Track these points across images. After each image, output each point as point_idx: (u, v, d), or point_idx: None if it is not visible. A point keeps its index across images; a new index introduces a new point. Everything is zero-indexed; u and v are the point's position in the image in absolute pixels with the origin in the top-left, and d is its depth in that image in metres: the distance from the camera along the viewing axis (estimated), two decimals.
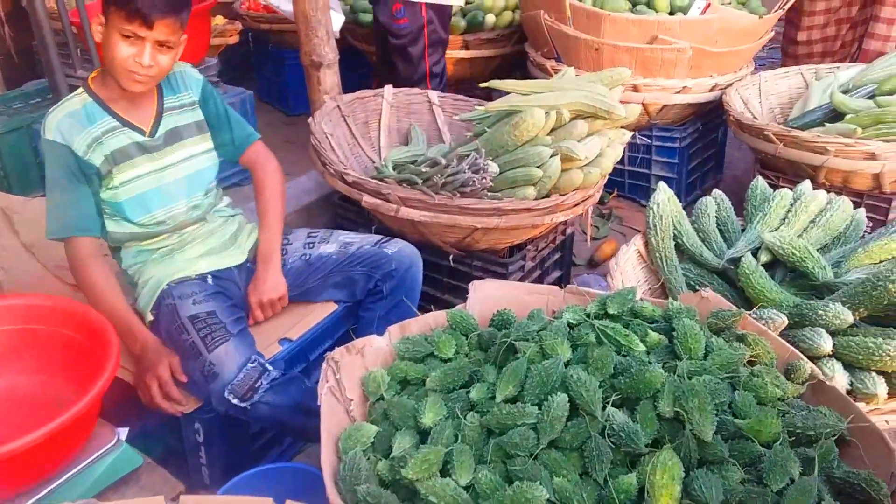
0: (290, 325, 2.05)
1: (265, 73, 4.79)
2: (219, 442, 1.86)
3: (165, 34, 1.76)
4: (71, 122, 1.81)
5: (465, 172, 2.20)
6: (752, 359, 1.63)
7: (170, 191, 1.95)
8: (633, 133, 2.87)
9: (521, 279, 2.44)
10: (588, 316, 1.71)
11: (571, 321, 1.70)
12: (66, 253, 1.86)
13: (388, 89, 3.02)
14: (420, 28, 3.28)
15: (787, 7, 3.33)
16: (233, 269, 2.06)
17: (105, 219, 1.92)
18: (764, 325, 1.79)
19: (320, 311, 2.10)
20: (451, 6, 3.37)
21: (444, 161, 2.26)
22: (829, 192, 2.40)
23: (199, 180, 2.02)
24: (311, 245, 2.15)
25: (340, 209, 2.76)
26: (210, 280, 1.98)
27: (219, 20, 4.56)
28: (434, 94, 3.07)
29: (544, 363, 1.52)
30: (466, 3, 3.96)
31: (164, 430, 1.92)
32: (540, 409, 1.45)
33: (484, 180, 2.20)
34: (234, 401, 1.77)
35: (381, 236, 2.16)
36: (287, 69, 4.48)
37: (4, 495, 1.40)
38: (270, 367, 1.82)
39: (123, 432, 1.58)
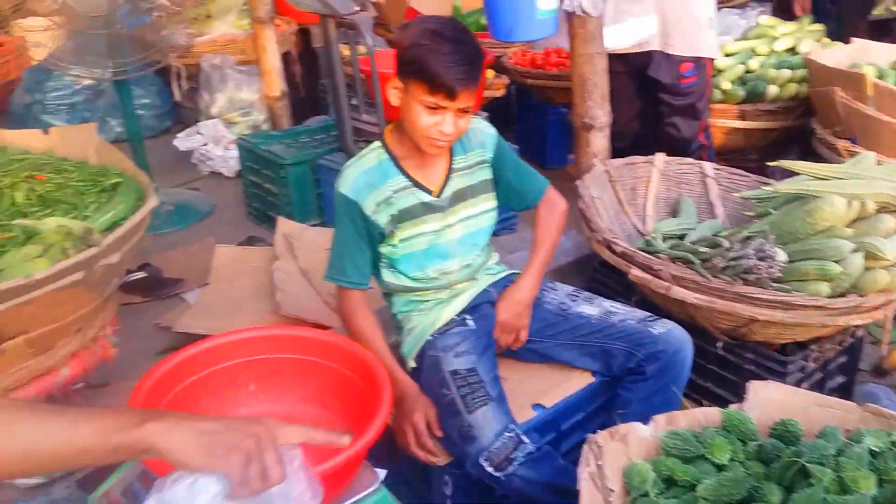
0: (545, 391, 1.99)
1: (525, 126, 4.86)
2: (465, 499, 1.83)
3: (466, 101, 1.77)
4: (365, 181, 1.86)
5: (750, 258, 2.04)
6: None
7: (446, 250, 1.96)
8: None
9: (800, 381, 2.20)
10: (895, 445, 1.49)
11: (874, 449, 1.49)
12: (337, 295, 1.96)
13: (660, 157, 2.91)
14: (706, 82, 3.23)
15: None
16: (489, 291, 2.05)
17: (381, 268, 1.98)
18: None
19: (577, 380, 2.03)
20: None
21: (727, 244, 2.11)
22: None
23: (476, 240, 2.02)
24: (573, 299, 2.08)
25: (598, 274, 2.69)
26: (469, 322, 1.97)
27: (489, 73, 4.72)
28: (708, 166, 2.91)
29: (845, 498, 1.33)
30: (747, 72, 3.77)
31: (414, 477, 1.93)
32: None
33: (771, 269, 2.02)
34: (489, 468, 1.73)
35: (648, 313, 2.02)
36: (548, 124, 4.52)
37: None
38: (526, 440, 1.77)
39: (382, 474, 1.60)
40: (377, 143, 1.94)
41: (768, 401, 1.68)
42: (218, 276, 2.80)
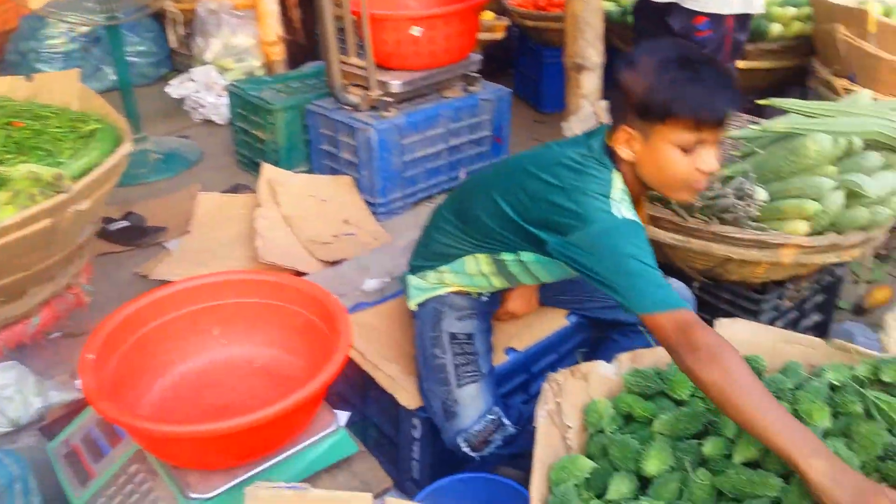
0: (517, 333, 1.98)
1: (522, 69, 4.78)
2: (433, 441, 1.84)
3: (726, 129, 1.53)
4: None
5: (728, 197, 2.00)
6: None
7: None
8: None
9: (774, 320, 2.18)
10: (855, 379, 1.47)
11: (834, 382, 1.47)
12: (664, 326, 1.39)
13: None
14: (723, 37, 3.05)
15: None
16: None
17: (508, 262, 1.76)
18: None
19: (550, 323, 2.02)
20: None
21: None
22: None
23: None
24: None
25: None
26: (484, 297, 1.89)
27: (488, 15, 4.62)
28: None
29: None
30: None
31: (382, 419, 1.94)
32: (787, 481, 1.26)
33: (749, 208, 1.98)
34: (465, 448, 1.73)
35: None
36: (544, 67, 4.44)
37: (223, 465, 1.47)
38: (507, 423, 1.76)
39: (343, 417, 1.61)
40: (615, 174, 1.57)
41: (736, 339, 1.64)
42: (200, 224, 2.80)
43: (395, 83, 3.14)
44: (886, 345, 1.80)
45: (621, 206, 1.51)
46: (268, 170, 3.02)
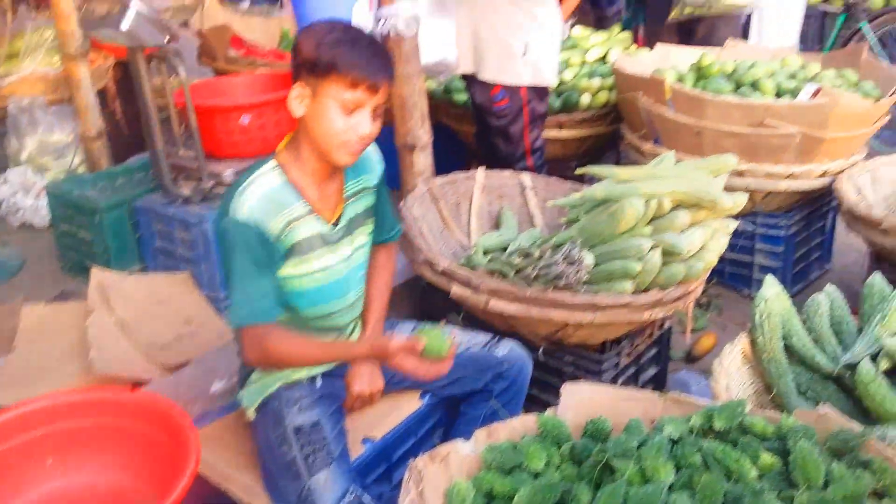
0: (373, 423, 1.97)
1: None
2: None
3: (384, 97, 1.69)
4: (268, 204, 1.68)
5: (559, 265, 2.12)
6: (879, 489, 1.47)
7: (338, 286, 1.85)
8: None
9: (616, 376, 2.31)
10: (692, 430, 1.59)
11: (673, 436, 1.58)
12: (243, 338, 1.70)
13: (480, 171, 2.99)
14: (520, 108, 3.25)
15: None
16: (344, 365, 1.95)
17: None
18: (891, 447, 1.60)
19: (405, 407, 2.02)
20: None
21: (537, 252, 2.19)
22: None
23: (362, 276, 1.93)
24: None
25: (427, 294, 2.71)
26: (319, 382, 1.88)
27: None
28: (527, 177, 3.01)
29: (645, 488, 1.40)
30: (561, 82, 3.93)
31: None
32: None
33: (579, 273, 2.11)
34: None
35: (489, 335, 2.06)
36: (380, 146, 4.53)
37: None
38: (368, 500, 1.73)
39: None
40: (273, 164, 1.75)
41: (581, 401, 1.75)
42: (26, 339, 2.60)
43: (228, 172, 3.09)
44: (716, 390, 1.95)
45: (250, 198, 1.66)
46: (98, 274, 2.87)
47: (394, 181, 3.42)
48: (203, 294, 3.03)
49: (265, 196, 1.68)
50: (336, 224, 1.83)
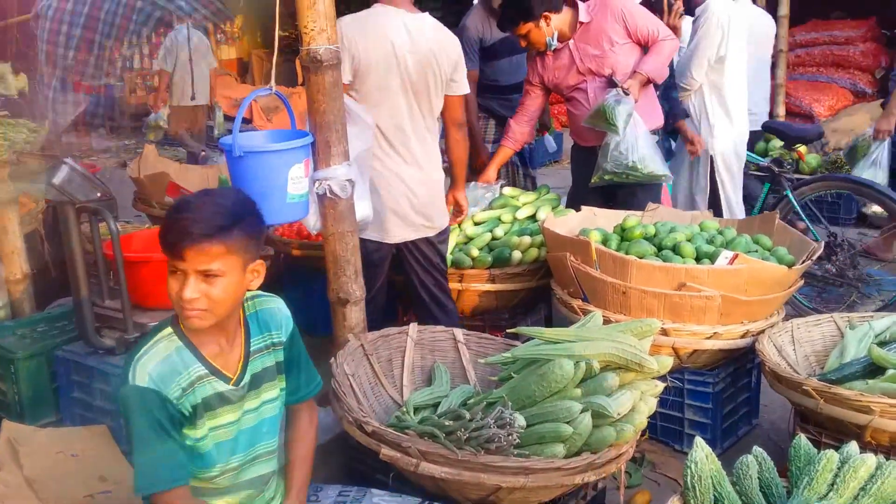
0: None
1: (292, 294, 4.83)
2: None
3: (203, 262, 1.68)
4: (165, 369, 1.71)
5: (490, 427, 2.10)
6: None
7: (237, 443, 1.83)
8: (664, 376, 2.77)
9: None
10: None
11: None
12: None
13: (413, 326, 3.00)
14: None
15: (814, 257, 3.35)
16: None
17: None
18: None
19: None
20: None
21: (468, 415, 2.17)
22: (877, 453, 2.25)
23: (270, 429, 1.91)
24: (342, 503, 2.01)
25: (357, 452, 2.63)
26: None
27: None
28: (459, 332, 3.04)
29: None
30: (493, 238, 4.06)
31: None
32: None
33: (511, 436, 2.09)
34: None
35: (420, 500, 2.06)
36: (315, 292, 4.52)
37: None
38: None
39: None
40: (168, 330, 1.79)
41: None
42: None
43: (154, 324, 3.03)
44: None
45: (148, 364, 1.69)
46: (8, 427, 2.72)
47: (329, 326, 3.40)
48: (121, 449, 2.88)
49: (162, 361, 1.72)
50: (239, 382, 1.83)
